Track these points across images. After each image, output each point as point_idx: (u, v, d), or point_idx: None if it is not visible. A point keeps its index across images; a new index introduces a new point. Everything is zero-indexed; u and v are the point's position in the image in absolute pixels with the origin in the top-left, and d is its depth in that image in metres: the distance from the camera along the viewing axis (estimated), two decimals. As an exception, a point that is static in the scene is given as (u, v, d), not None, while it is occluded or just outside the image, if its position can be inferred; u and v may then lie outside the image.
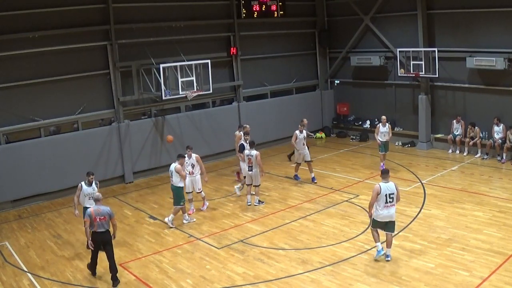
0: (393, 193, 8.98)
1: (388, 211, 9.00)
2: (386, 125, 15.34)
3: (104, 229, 8.95)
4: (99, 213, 8.89)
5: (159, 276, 9.34)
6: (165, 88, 14.90)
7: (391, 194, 8.95)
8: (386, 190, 8.92)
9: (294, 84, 20.80)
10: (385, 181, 9.05)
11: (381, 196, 8.89)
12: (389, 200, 8.93)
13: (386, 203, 8.93)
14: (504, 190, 12.90)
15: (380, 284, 8.49)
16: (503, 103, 15.88)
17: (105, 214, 8.93)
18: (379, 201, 8.93)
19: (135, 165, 16.12)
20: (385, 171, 9.25)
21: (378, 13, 19.03)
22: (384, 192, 8.90)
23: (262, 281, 8.90)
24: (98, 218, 8.87)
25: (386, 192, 8.92)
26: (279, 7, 18.83)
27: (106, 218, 8.92)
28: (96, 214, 8.86)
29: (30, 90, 14.09)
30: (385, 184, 9.00)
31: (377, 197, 8.91)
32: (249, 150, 12.95)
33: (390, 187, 8.99)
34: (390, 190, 8.96)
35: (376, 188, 8.94)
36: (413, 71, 17.26)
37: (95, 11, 15.03)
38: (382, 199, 8.90)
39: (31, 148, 14.05)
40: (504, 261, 8.89)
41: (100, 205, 9.03)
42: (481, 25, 16.01)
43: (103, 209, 8.96)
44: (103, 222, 8.91)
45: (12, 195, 13.85)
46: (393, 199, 8.99)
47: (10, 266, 10.08)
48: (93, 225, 8.88)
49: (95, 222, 8.87)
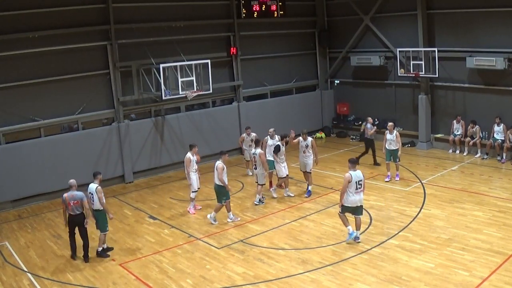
0: (361, 179, 9.96)
1: (358, 196, 9.97)
2: (394, 132, 14.32)
3: (78, 212, 9.85)
4: (73, 197, 9.79)
5: (159, 276, 9.35)
6: (165, 88, 14.90)
7: (360, 181, 9.93)
8: (355, 178, 9.87)
9: (294, 84, 20.80)
10: (353, 170, 9.98)
11: (352, 184, 9.83)
12: (358, 186, 9.92)
13: (357, 189, 9.90)
14: (504, 190, 12.90)
15: (380, 284, 8.49)
16: (503, 103, 15.89)
17: (78, 199, 9.80)
18: (350, 188, 9.87)
19: (135, 165, 16.13)
20: (354, 161, 10.18)
21: (378, 13, 19.03)
22: (354, 179, 9.84)
23: (262, 281, 8.90)
24: (72, 202, 9.78)
25: (356, 179, 9.87)
26: (279, 7, 18.83)
27: (79, 202, 9.80)
28: (70, 199, 9.78)
29: (30, 90, 14.10)
30: (354, 172, 9.94)
31: (349, 185, 9.82)
32: (254, 149, 13.14)
33: (359, 175, 9.96)
34: (359, 178, 9.94)
35: (347, 176, 9.84)
36: (413, 71, 17.27)
37: (95, 11, 15.04)
38: (353, 186, 9.86)
39: (31, 148, 14.06)
40: (504, 261, 8.89)
41: (73, 191, 9.87)
42: (481, 25, 16.01)
43: (75, 194, 9.83)
44: (77, 206, 9.81)
45: (12, 195, 13.85)
46: (361, 186, 9.97)
47: (10, 266, 10.09)
48: (67, 209, 9.81)
49: (69, 206, 9.78)
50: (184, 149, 16.69)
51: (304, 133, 13.42)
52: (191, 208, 12.70)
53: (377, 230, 10.84)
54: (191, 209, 12.70)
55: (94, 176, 10.38)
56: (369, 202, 12.64)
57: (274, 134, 13.91)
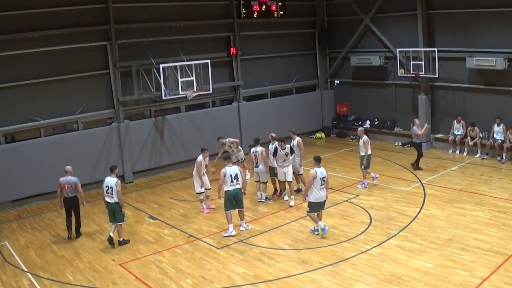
0: (325, 176, 10.47)
1: (323, 192, 10.51)
2: (363, 137, 13.54)
3: (71, 195, 11.07)
4: (68, 182, 10.97)
5: (159, 276, 9.35)
6: (165, 88, 14.90)
7: (324, 178, 10.43)
8: (320, 174, 10.36)
9: (294, 84, 20.80)
10: (318, 166, 10.43)
11: (316, 180, 10.30)
12: (322, 182, 10.41)
13: (321, 186, 10.41)
14: (504, 190, 12.89)
15: (380, 284, 8.49)
16: (503, 103, 15.88)
17: (72, 183, 10.99)
18: (315, 184, 10.33)
19: (135, 165, 16.13)
20: (318, 158, 10.59)
21: (378, 13, 19.03)
22: (319, 176, 10.32)
23: (262, 281, 8.91)
24: (66, 186, 10.97)
25: (321, 176, 10.35)
26: (279, 7, 18.82)
27: (72, 186, 11.02)
28: (65, 183, 10.96)
29: (30, 90, 14.10)
30: (319, 169, 10.39)
31: (314, 181, 10.28)
32: (254, 147, 13.08)
33: (323, 172, 10.45)
34: (323, 174, 10.43)
35: (313, 173, 10.31)
36: (413, 71, 17.27)
37: (95, 11, 15.04)
38: (318, 182, 10.33)
39: (31, 148, 14.06)
40: (504, 261, 8.89)
41: (68, 176, 11.02)
42: (481, 25, 16.01)
43: (70, 179, 11.00)
44: (71, 190, 11.02)
45: (12, 195, 13.85)
46: (325, 182, 10.48)
47: (10, 266, 10.09)
48: (62, 192, 10.98)
49: (64, 189, 10.98)
50: (184, 149, 16.73)
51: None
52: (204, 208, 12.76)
53: (377, 230, 10.84)
54: (204, 209, 12.75)
55: (111, 170, 10.86)
56: (369, 202, 12.66)
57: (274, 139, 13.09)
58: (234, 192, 10.85)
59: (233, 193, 10.85)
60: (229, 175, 10.77)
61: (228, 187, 10.81)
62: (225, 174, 10.75)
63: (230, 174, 10.78)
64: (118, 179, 10.67)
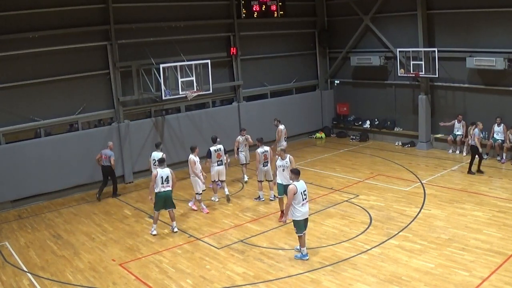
0: (305, 189, 9.48)
1: (306, 207, 9.49)
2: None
3: (106, 164, 13.98)
4: (105, 153, 13.94)
5: (159, 276, 9.35)
6: (165, 88, 14.90)
7: (305, 191, 9.45)
8: (301, 188, 9.37)
9: (294, 84, 20.80)
10: (297, 180, 9.43)
11: (297, 195, 9.30)
12: (304, 197, 9.40)
13: (303, 200, 9.38)
14: (504, 190, 12.89)
15: (380, 284, 8.49)
16: (503, 103, 15.88)
17: (107, 155, 13.94)
18: (296, 200, 9.32)
19: (135, 165, 16.12)
20: (296, 171, 9.57)
21: (378, 13, 19.02)
22: (299, 190, 9.33)
23: (262, 281, 8.90)
24: (103, 156, 13.97)
25: (301, 190, 9.36)
26: (279, 7, 18.83)
27: (107, 157, 13.91)
28: (103, 154, 13.97)
29: (30, 90, 14.10)
30: (298, 183, 9.40)
31: (294, 197, 9.27)
32: (262, 147, 13.00)
33: (303, 185, 9.46)
34: (303, 188, 9.44)
35: (293, 188, 9.28)
36: (413, 71, 17.26)
37: (95, 11, 15.04)
38: (299, 197, 9.32)
39: (31, 148, 14.06)
40: (504, 261, 8.89)
41: (107, 149, 14.02)
42: (481, 25, 16.01)
43: (107, 152, 13.96)
44: (105, 160, 13.97)
45: (12, 195, 13.84)
46: (306, 196, 9.49)
47: (10, 266, 10.08)
48: (101, 160, 14.02)
49: (100, 158, 14.04)
50: (184, 149, 16.68)
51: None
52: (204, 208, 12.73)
53: (377, 230, 10.84)
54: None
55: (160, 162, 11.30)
56: (369, 202, 12.65)
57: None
58: (165, 194, 11.07)
59: (164, 195, 11.07)
60: (160, 177, 10.93)
61: (159, 188, 11.00)
62: (156, 176, 10.92)
63: (161, 176, 10.94)
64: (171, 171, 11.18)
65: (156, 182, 10.97)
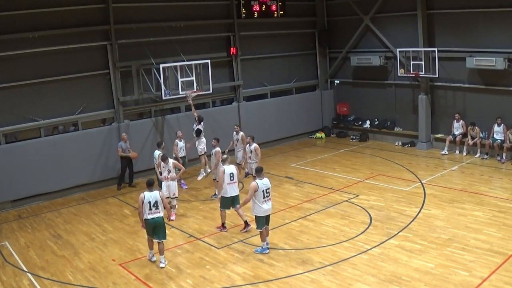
0: (268, 188, 9.73)
1: (267, 204, 9.74)
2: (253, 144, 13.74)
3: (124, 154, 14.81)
4: (120, 146, 14.71)
5: (159, 276, 9.34)
6: (165, 88, 14.90)
7: (267, 189, 9.69)
8: (262, 186, 9.61)
9: (294, 84, 20.80)
10: (260, 178, 9.67)
11: (258, 193, 9.56)
12: (266, 194, 9.67)
13: (264, 198, 9.65)
14: (504, 190, 12.90)
15: (380, 284, 8.49)
16: (503, 103, 15.88)
17: (121, 147, 14.73)
18: (257, 197, 9.59)
19: (135, 165, 16.09)
20: (260, 169, 9.84)
21: (378, 13, 19.03)
22: (261, 188, 9.58)
23: (262, 281, 8.90)
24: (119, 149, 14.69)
25: (263, 188, 9.62)
26: (279, 7, 18.83)
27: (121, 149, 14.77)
28: (118, 147, 14.72)
29: (30, 90, 14.10)
30: (261, 181, 9.64)
31: (255, 194, 9.55)
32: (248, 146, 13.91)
33: (266, 183, 9.71)
34: (266, 186, 9.70)
35: (253, 185, 9.56)
36: (413, 71, 17.27)
37: (95, 11, 15.04)
38: (260, 195, 9.58)
39: (31, 148, 14.05)
40: (504, 261, 8.90)
41: (122, 142, 14.78)
42: (481, 25, 16.01)
43: (121, 144, 14.74)
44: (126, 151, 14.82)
45: (12, 195, 13.84)
46: (269, 194, 9.73)
47: (10, 266, 10.08)
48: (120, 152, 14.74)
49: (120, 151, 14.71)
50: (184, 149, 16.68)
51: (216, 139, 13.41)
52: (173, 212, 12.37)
53: (377, 230, 10.84)
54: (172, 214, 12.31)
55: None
56: (369, 202, 12.65)
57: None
58: (153, 221, 9.44)
59: (152, 222, 9.44)
60: (148, 202, 9.34)
61: (146, 215, 9.42)
62: (143, 200, 9.36)
63: (149, 200, 9.34)
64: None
65: (143, 208, 9.41)
